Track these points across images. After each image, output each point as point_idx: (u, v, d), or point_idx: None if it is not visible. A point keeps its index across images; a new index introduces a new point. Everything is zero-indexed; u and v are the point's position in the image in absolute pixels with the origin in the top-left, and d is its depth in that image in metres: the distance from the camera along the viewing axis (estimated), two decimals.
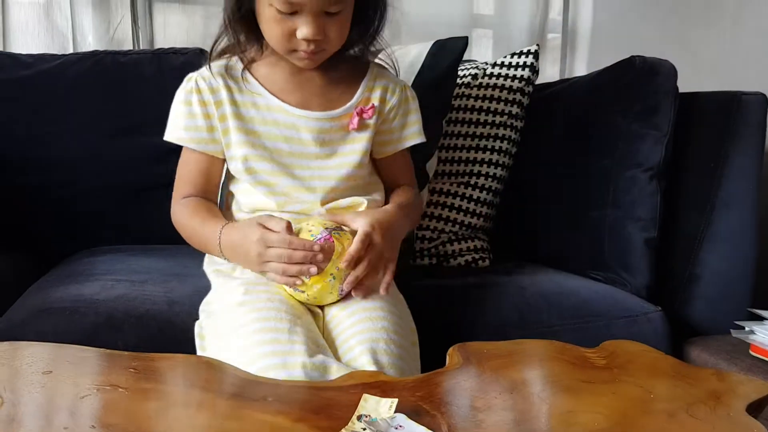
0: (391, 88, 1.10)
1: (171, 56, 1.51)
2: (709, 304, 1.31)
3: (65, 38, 1.76)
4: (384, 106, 1.09)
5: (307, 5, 0.93)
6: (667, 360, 0.85)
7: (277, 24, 0.96)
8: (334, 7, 0.96)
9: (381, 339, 0.90)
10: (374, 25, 1.05)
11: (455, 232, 1.43)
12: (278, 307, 0.91)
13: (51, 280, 1.17)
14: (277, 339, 0.86)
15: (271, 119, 1.04)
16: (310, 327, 0.91)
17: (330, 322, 0.96)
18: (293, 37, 0.96)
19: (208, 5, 1.85)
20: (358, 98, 1.08)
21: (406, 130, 1.12)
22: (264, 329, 0.87)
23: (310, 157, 1.04)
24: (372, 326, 0.91)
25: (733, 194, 1.29)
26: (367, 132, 1.08)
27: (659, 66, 1.33)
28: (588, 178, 1.38)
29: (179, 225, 1.08)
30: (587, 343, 0.87)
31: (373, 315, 0.93)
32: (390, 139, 1.12)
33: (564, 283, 1.28)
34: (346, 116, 1.06)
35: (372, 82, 1.10)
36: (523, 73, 1.47)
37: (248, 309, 0.92)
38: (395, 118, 1.11)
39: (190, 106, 1.04)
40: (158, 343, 0.99)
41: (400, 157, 1.14)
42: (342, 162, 1.06)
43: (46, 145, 1.44)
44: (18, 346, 0.80)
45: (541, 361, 0.84)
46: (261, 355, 0.84)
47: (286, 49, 0.99)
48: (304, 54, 0.99)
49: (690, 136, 1.34)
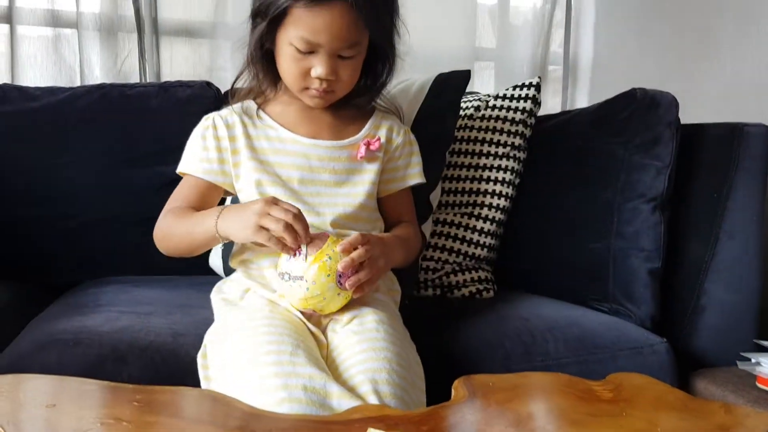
0: (396, 129, 1.18)
1: (177, 89, 1.53)
2: (714, 336, 1.30)
3: (73, 71, 1.78)
4: (390, 144, 1.16)
5: (324, 46, 1.02)
6: (674, 393, 0.85)
7: (295, 62, 1.04)
8: (347, 52, 1.04)
9: (383, 369, 0.89)
10: (382, 78, 1.14)
11: (459, 263, 1.43)
12: (281, 332, 0.92)
13: (55, 311, 1.17)
14: (279, 361, 0.86)
15: (283, 149, 1.10)
16: (312, 352, 0.92)
17: (334, 350, 0.96)
18: (308, 75, 1.05)
19: (214, 39, 1.88)
20: (366, 132, 1.15)
21: (410, 169, 1.19)
22: (267, 352, 0.88)
23: (320, 184, 1.09)
24: (374, 356, 0.91)
25: (737, 225, 1.29)
26: (375, 164, 1.13)
27: (660, 98, 1.35)
28: (591, 208, 1.39)
29: (166, 227, 1.08)
30: (592, 375, 0.87)
31: (376, 345, 0.93)
32: (394, 177, 1.18)
33: (568, 314, 1.28)
34: (354, 146, 1.13)
35: (378, 121, 1.18)
36: (525, 105, 1.49)
37: (250, 334, 0.92)
38: (400, 158, 1.18)
39: (205, 140, 1.10)
40: (162, 375, 0.99)
41: (403, 195, 1.20)
42: (350, 191, 1.10)
43: (52, 176, 1.45)
44: (21, 379, 0.79)
45: (547, 394, 0.84)
46: (264, 376, 0.85)
47: (299, 86, 1.07)
48: (316, 92, 1.07)
49: (693, 167, 1.35)
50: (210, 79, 1.63)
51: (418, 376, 0.97)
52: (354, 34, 1.03)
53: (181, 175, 1.13)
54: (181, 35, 1.87)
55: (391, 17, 1.09)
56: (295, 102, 1.13)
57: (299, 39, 1.01)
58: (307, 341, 0.93)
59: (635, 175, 1.33)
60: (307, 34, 1.01)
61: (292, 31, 1.02)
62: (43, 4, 1.74)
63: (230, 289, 1.09)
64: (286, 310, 0.99)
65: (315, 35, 1.01)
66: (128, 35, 1.79)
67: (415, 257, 1.21)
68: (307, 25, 1.00)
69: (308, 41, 1.01)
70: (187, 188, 1.11)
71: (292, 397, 0.82)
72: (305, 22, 1.00)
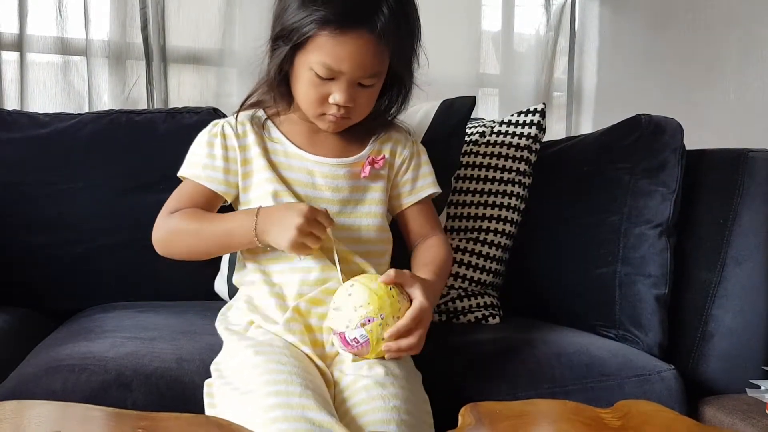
0: (402, 142, 1.17)
1: (185, 115, 1.54)
2: (722, 362, 1.29)
3: (81, 98, 1.80)
4: (395, 158, 1.15)
5: (346, 74, 1.01)
6: (684, 421, 0.84)
7: (313, 88, 1.03)
8: (368, 80, 1.03)
9: (392, 420, 0.88)
10: (396, 104, 1.14)
11: (465, 289, 1.42)
12: (290, 371, 0.91)
13: (61, 337, 1.17)
14: (288, 404, 0.85)
15: (287, 164, 1.09)
16: (320, 390, 0.90)
17: (342, 391, 0.95)
18: (325, 101, 1.04)
19: (220, 66, 1.90)
20: (370, 149, 1.14)
21: (420, 181, 1.17)
22: (276, 392, 0.87)
23: (323, 202, 1.08)
24: (383, 405, 0.90)
25: (744, 250, 1.29)
26: (381, 182, 1.12)
27: (665, 124, 1.35)
28: (597, 234, 1.38)
29: (175, 226, 1.06)
30: (599, 403, 0.86)
31: (384, 393, 0.91)
32: (404, 192, 1.16)
33: (575, 340, 1.27)
34: (358, 164, 1.11)
35: (384, 136, 1.16)
36: (530, 131, 1.49)
37: (261, 371, 0.91)
38: (408, 170, 1.16)
39: (212, 147, 1.09)
40: (167, 401, 0.98)
41: (421, 208, 1.17)
42: (354, 210, 1.10)
43: (59, 202, 1.46)
44: (25, 405, 0.79)
45: (554, 421, 0.83)
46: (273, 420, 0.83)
47: (315, 112, 1.06)
48: (332, 118, 1.05)
49: (698, 193, 1.35)
50: (217, 105, 1.65)
51: (426, 412, 0.96)
52: (376, 64, 1.02)
53: (182, 179, 1.11)
54: (189, 62, 1.89)
55: (414, 47, 1.08)
56: (303, 122, 1.12)
57: (321, 65, 1.00)
58: (315, 380, 0.92)
59: (641, 201, 1.33)
60: (330, 61, 0.99)
61: (313, 56, 1.00)
62: (52, 31, 1.77)
63: (235, 317, 1.09)
64: (293, 345, 0.99)
65: (338, 63, 0.99)
66: (136, 62, 1.82)
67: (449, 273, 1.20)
68: (331, 53, 0.99)
69: (330, 68, 1.00)
70: (188, 193, 1.09)
71: None
72: (328, 50, 0.99)
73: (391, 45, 1.01)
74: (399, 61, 1.06)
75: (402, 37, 1.04)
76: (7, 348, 1.19)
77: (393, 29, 1.00)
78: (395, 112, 1.15)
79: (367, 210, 1.10)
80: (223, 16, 1.89)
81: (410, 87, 1.12)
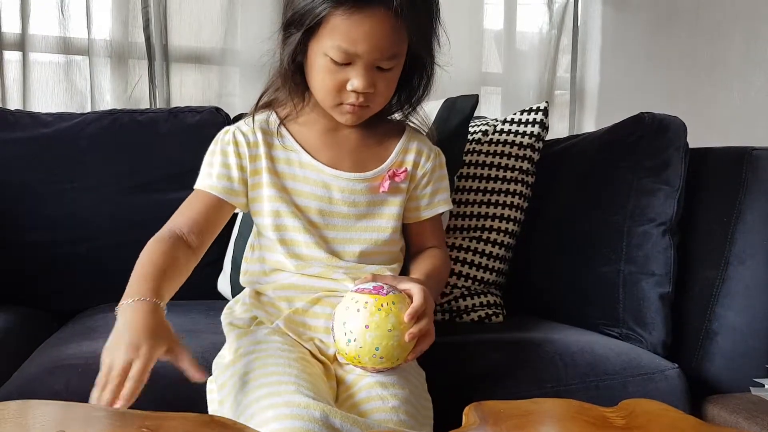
0: (426, 153, 1.10)
1: (187, 114, 1.55)
2: (726, 361, 1.29)
3: (84, 97, 1.81)
4: (417, 170, 1.09)
5: (363, 57, 0.95)
6: (688, 420, 0.83)
7: (330, 75, 0.97)
8: (386, 63, 0.97)
9: (390, 421, 0.89)
10: (417, 93, 1.07)
11: (468, 287, 1.42)
12: (288, 363, 0.91)
13: (64, 336, 1.17)
14: (289, 402, 0.84)
15: (302, 176, 1.05)
16: (318, 381, 0.91)
17: (346, 389, 0.95)
18: (343, 89, 0.98)
19: (222, 66, 1.91)
20: (392, 161, 1.08)
21: (438, 196, 1.12)
22: (276, 392, 0.86)
23: (338, 216, 1.04)
24: (382, 406, 0.90)
25: (748, 249, 1.28)
26: (399, 196, 1.08)
27: (669, 122, 1.35)
28: (600, 233, 1.38)
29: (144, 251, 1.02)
30: (603, 402, 0.86)
31: (384, 393, 0.91)
32: (420, 205, 1.11)
33: (578, 339, 1.27)
34: (378, 178, 1.06)
35: (406, 145, 1.10)
36: (533, 129, 1.49)
37: (260, 364, 0.92)
38: (428, 184, 1.11)
39: (227, 156, 1.04)
40: (170, 400, 0.98)
41: (432, 222, 1.14)
42: (369, 225, 1.06)
43: (63, 202, 1.46)
44: (29, 405, 0.79)
45: (558, 420, 0.83)
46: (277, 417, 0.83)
47: (333, 101, 1.00)
48: (350, 107, 0.99)
49: (702, 192, 1.35)
50: (219, 104, 1.65)
51: (426, 410, 0.96)
52: (394, 43, 0.96)
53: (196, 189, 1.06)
54: (191, 62, 1.89)
55: (433, 25, 1.02)
56: (319, 121, 1.06)
57: (336, 49, 0.94)
58: (316, 377, 0.92)
59: (644, 200, 1.32)
60: (345, 44, 0.94)
61: (327, 40, 0.95)
62: (55, 31, 1.77)
63: (240, 312, 1.09)
64: (296, 342, 0.99)
65: (353, 45, 0.94)
66: (139, 62, 1.82)
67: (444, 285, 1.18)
68: (346, 34, 0.93)
69: (346, 51, 0.94)
70: (197, 205, 1.03)
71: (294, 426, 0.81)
72: (343, 31, 0.93)
73: (409, 22, 0.95)
74: (418, 41, 0.99)
75: (420, 14, 0.97)
76: (11, 347, 1.19)
77: (409, 4, 0.94)
78: (417, 101, 1.09)
79: (384, 225, 1.06)
80: (225, 15, 1.89)
81: (432, 71, 1.05)
